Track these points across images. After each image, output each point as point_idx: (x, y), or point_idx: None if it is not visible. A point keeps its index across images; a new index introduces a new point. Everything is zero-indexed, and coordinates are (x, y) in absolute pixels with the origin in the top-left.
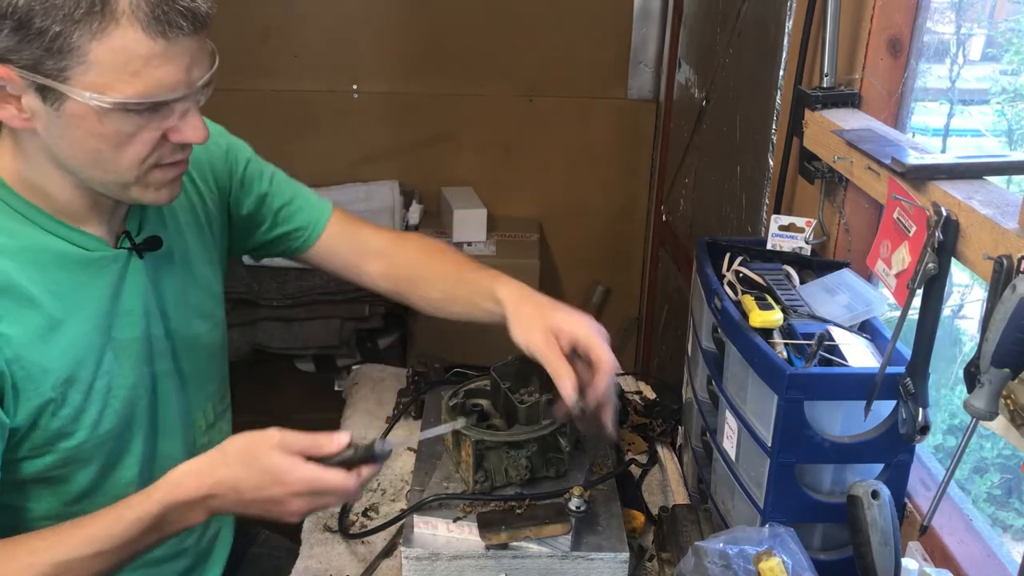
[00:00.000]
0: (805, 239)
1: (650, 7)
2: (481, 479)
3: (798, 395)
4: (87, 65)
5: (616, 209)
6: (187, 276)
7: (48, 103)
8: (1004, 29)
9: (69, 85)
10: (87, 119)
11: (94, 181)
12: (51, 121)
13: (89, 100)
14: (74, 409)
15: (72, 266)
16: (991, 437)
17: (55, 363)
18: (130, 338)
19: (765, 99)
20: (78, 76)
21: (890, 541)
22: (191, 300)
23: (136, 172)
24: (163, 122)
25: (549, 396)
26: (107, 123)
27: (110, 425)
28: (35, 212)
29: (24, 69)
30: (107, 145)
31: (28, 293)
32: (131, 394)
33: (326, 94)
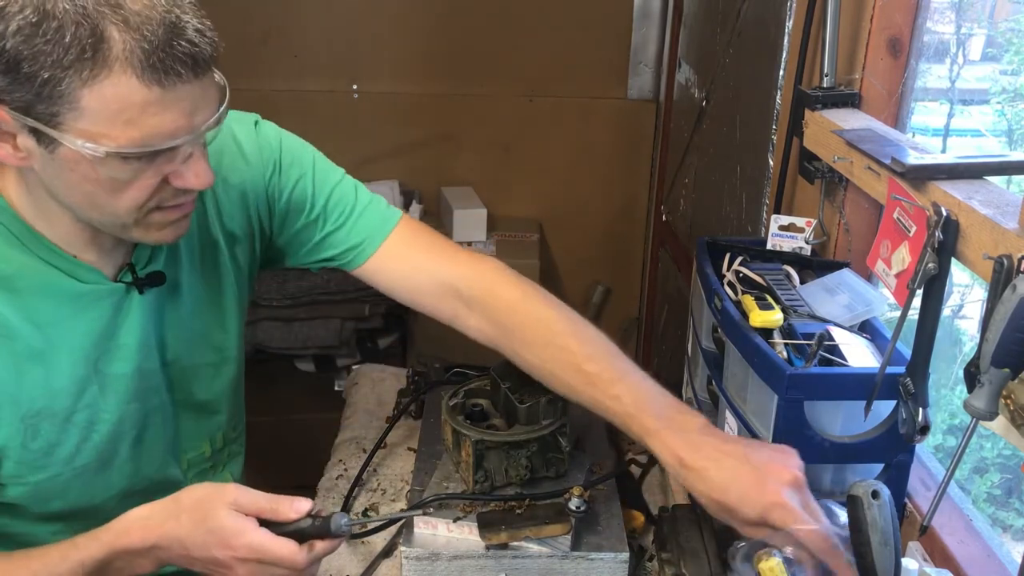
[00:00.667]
0: (805, 239)
1: (650, 7)
2: (481, 479)
3: (798, 395)
4: (79, 112)
5: (616, 209)
6: (194, 309)
7: (42, 145)
8: (1004, 29)
9: (61, 131)
10: (81, 165)
11: (92, 220)
12: (46, 162)
13: (81, 148)
14: (46, 443)
15: (61, 297)
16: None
17: (27, 393)
18: (120, 373)
19: (765, 99)
20: (70, 123)
21: (890, 541)
22: (196, 333)
23: (135, 216)
24: (164, 167)
25: (549, 396)
26: (102, 170)
27: (88, 459)
28: (35, 240)
29: (17, 111)
30: (103, 190)
31: (6, 320)
32: (116, 429)
33: (326, 94)
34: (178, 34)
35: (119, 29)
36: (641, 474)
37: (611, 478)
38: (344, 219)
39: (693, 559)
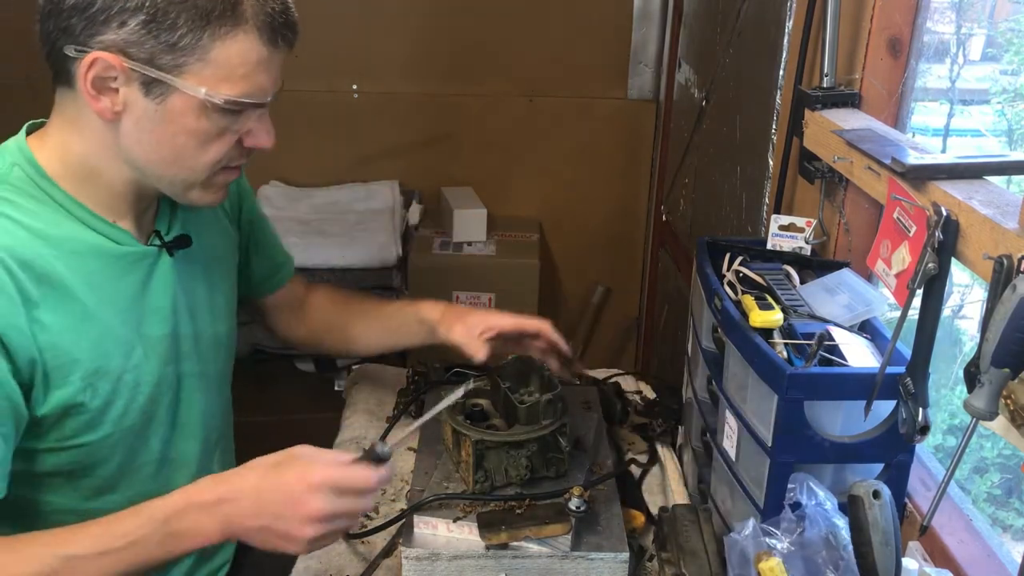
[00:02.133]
0: (805, 239)
1: (650, 7)
2: (481, 479)
3: (798, 395)
4: (205, 63)
5: (616, 209)
6: (213, 278)
7: (151, 96)
8: (1004, 29)
9: (184, 79)
10: (186, 115)
11: (163, 179)
12: (146, 115)
13: (203, 95)
14: (102, 401)
15: (106, 258)
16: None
17: (86, 353)
18: (158, 335)
19: (765, 99)
20: (194, 72)
21: (891, 541)
22: (217, 302)
23: (208, 172)
24: (244, 125)
25: (549, 396)
26: (203, 120)
27: (133, 421)
28: (73, 204)
29: (138, 62)
30: (195, 142)
31: (65, 282)
32: (155, 391)
33: (326, 94)
34: (287, 6)
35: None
36: (641, 474)
37: (611, 478)
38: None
39: (693, 559)
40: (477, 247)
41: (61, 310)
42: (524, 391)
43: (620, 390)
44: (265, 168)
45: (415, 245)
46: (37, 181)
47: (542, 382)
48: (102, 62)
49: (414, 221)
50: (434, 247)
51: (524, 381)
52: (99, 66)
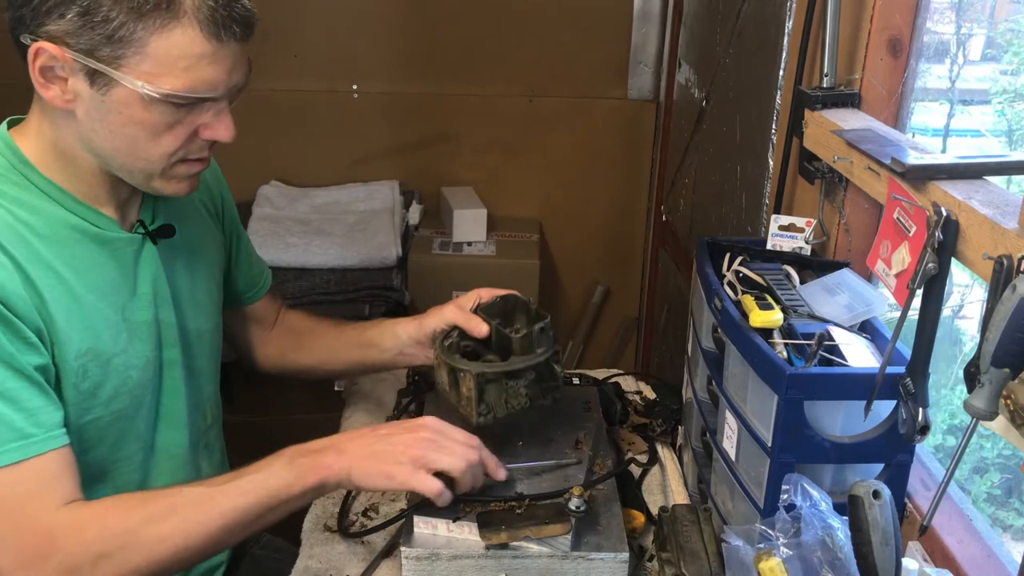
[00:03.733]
0: (805, 239)
1: (650, 7)
2: (484, 411)
3: (798, 395)
4: (143, 56)
5: (616, 209)
6: (195, 273)
7: (95, 87)
8: (1004, 29)
9: (122, 72)
10: (131, 107)
11: (123, 168)
12: (94, 105)
13: (140, 88)
14: (93, 383)
15: (89, 242)
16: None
17: (78, 333)
18: (141, 321)
19: (765, 99)
20: (132, 65)
21: (891, 541)
22: (199, 297)
23: (164, 163)
24: (197, 118)
25: (541, 325)
26: (149, 112)
27: (122, 404)
28: (56, 191)
29: (79, 53)
30: (145, 133)
31: (53, 264)
32: (141, 376)
33: (326, 94)
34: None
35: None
36: (641, 474)
37: (611, 478)
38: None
39: (693, 559)
40: (477, 247)
41: (53, 289)
42: (512, 329)
43: (620, 390)
44: (265, 168)
45: (415, 245)
46: (19, 168)
47: (529, 316)
48: (44, 52)
49: (414, 221)
50: (434, 247)
51: (510, 319)
52: (43, 56)
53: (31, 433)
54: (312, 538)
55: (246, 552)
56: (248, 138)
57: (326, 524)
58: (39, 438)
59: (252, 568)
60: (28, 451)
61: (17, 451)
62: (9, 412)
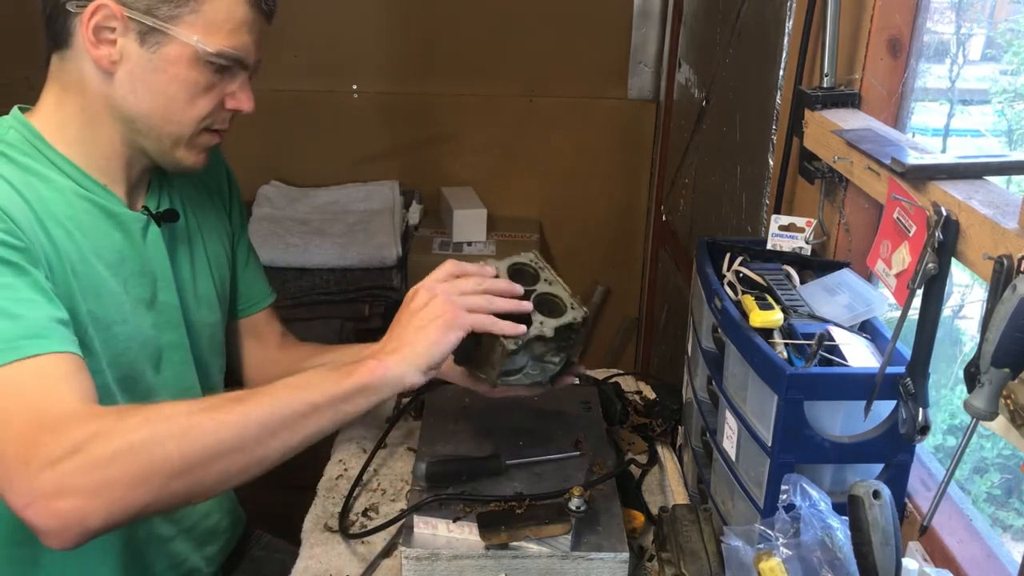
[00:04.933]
0: (805, 239)
1: (650, 7)
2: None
3: (798, 395)
4: (197, 15)
5: (616, 209)
6: (198, 265)
7: (146, 46)
8: (1004, 29)
9: (178, 28)
10: (178, 64)
11: (151, 133)
12: (139, 64)
13: (195, 44)
14: (97, 346)
15: (97, 214)
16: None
17: (86, 295)
18: (142, 298)
19: (765, 99)
20: (188, 22)
21: (891, 541)
22: (201, 289)
23: (193, 129)
24: (227, 86)
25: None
26: (194, 71)
27: (123, 373)
28: (69, 165)
29: (136, 11)
30: (184, 94)
31: (66, 227)
32: (140, 351)
33: (326, 94)
34: None
35: None
36: (641, 474)
37: (611, 478)
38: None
39: (693, 559)
40: (477, 247)
41: (64, 246)
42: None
43: (620, 390)
44: (265, 168)
45: (415, 245)
46: (33, 142)
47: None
48: (105, 9)
49: (414, 221)
50: (434, 247)
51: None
52: (101, 13)
53: (46, 334)
54: (312, 538)
55: (246, 552)
56: (248, 138)
57: (326, 524)
58: (55, 338)
59: (252, 568)
60: (44, 347)
61: (34, 346)
62: (25, 313)
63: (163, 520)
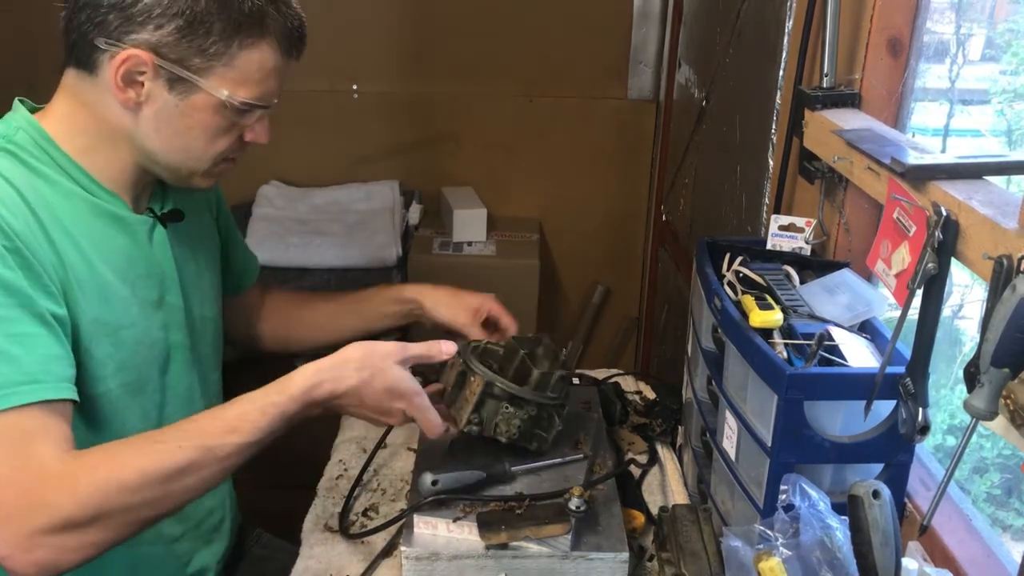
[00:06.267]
0: (805, 239)
1: (650, 7)
2: (475, 421)
3: (798, 395)
4: (230, 68)
5: (616, 209)
6: (200, 260)
7: (174, 92)
8: (1003, 30)
9: (209, 81)
10: (204, 111)
11: (169, 165)
12: (166, 108)
13: (225, 98)
14: (104, 353)
15: (104, 218)
16: (991, 437)
17: (90, 300)
18: (150, 300)
19: (765, 99)
20: (220, 75)
21: (891, 541)
22: (203, 284)
23: (211, 162)
24: (248, 122)
25: (563, 373)
26: (217, 117)
27: (130, 378)
28: (77, 170)
29: (169, 61)
30: (206, 135)
31: (72, 233)
32: (149, 354)
33: (326, 94)
34: (303, 22)
35: (274, 8)
36: (641, 474)
37: (611, 478)
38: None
39: (693, 559)
40: (477, 247)
41: (70, 253)
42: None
43: (620, 390)
44: (265, 168)
45: (415, 245)
46: (42, 144)
47: (552, 362)
48: (136, 59)
49: (414, 221)
50: (434, 247)
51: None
52: (132, 62)
53: (42, 378)
54: (312, 538)
55: (246, 552)
56: None
57: (326, 524)
58: (50, 382)
59: (252, 567)
60: (37, 394)
61: (28, 393)
62: (22, 355)
63: (170, 520)
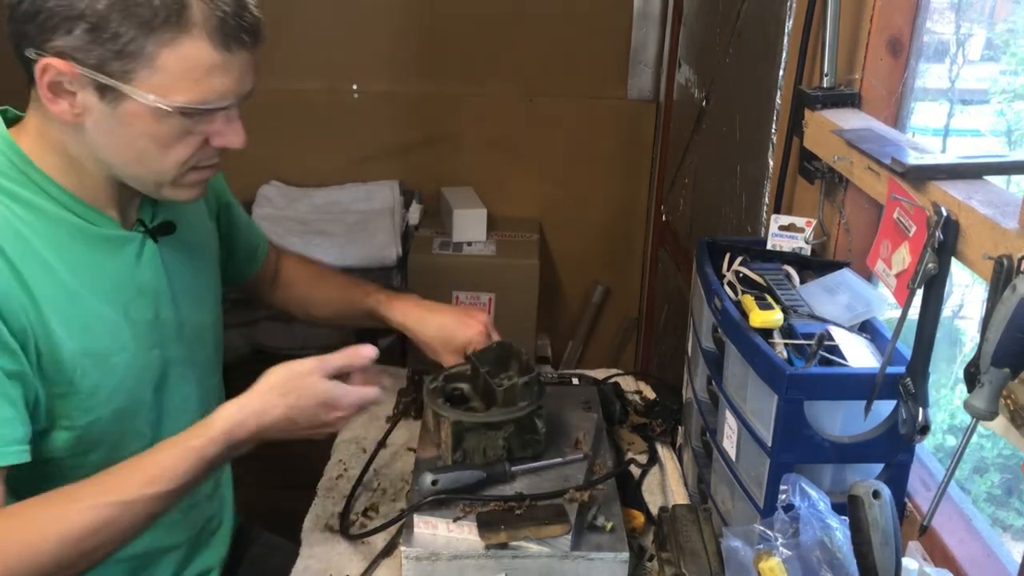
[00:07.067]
0: (805, 239)
1: (650, 7)
2: (460, 458)
3: (798, 395)
4: (153, 70)
5: (616, 209)
6: (197, 267)
7: (105, 101)
8: (1002, 30)
9: (132, 86)
10: (143, 119)
11: (133, 177)
12: (103, 118)
13: (151, 103)
14: (92, 383)
15: (90, 241)
16: (991, 437)
17: (74, 333)
18: (144, 319)
19: (765, 99)
20: (143, 79)
21: (891, 541)
22: (200, 291)
23: (176, 172)
24: (208, 127)
25: (526, 379)
26: (160, 124)
27: (122, 403)
28: (57, 190)
29: (88, 68)
30: (156, 145)
31: (50, 262)
32: (143, 374)
33: (326, 94)
34: (244, 6)
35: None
36: (641, 474)
37: (611, 478)
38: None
39: (693, 559)
40: (477, 247)
41: (47, 288)
42: (504, 375)
43: (620, 390)
44: (265, 168)
45: (415, 245)
46: (20, 166)
47: (521, 366)
48: (53, 68)
49: (414, 221)
50: (434, 247)
51: (504, 366)
52: (51, 72)
53: None
54: (312, 538)
55: (246, 551)
56: (248, 138)
57: (326, 524)
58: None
59: (252, 568)
60: None
61: None
62: None
63: (167, 530)
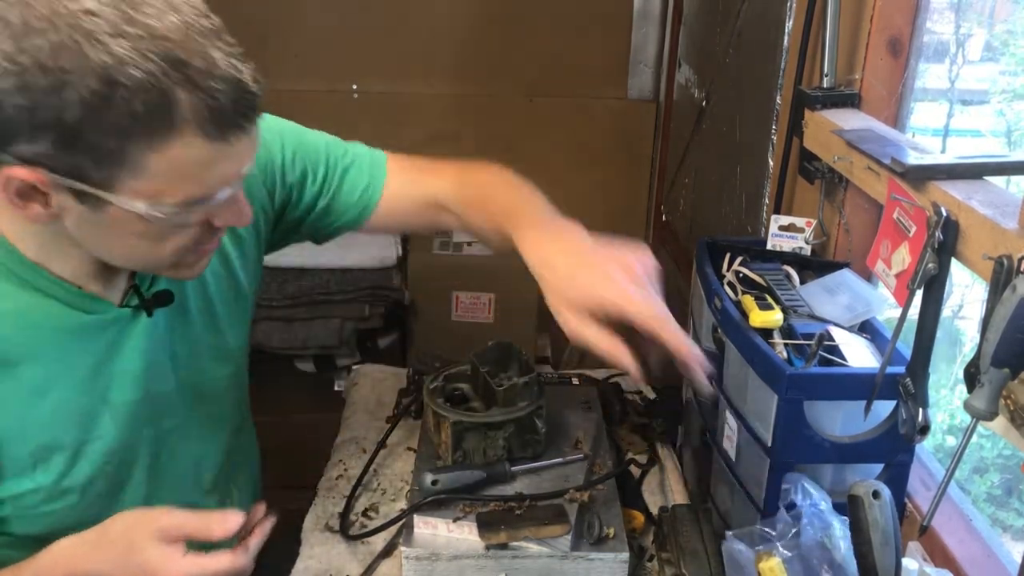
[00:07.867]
0: (805, 239)
1: (650, 7)
2: (460, 458)
3: (798, 395)
4: (138, 175)
5: (616, 209)
6: (205, 323)
7: (86, 205)
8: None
9: (115, 194)
10: (129, 223)
11: (123, 266)
12: (84, 220)
13: (141, 211)
14: (56, 475)
15: (65, 330)
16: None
17: (32, 431)
18: (129, 400)
19: (765, 99)
20: (128, 185)
21: (891, 541)
22: (209, 346)
23: (173, 259)
24: (208, 212)
25: (526, 379)
26: (152, 224)
27: (102, 488)
28: (36, 274)
29: (60, 175)
30: (147, 242)
31: (10, 358)
32: (128, 455)
33: (326, 94)
34: (241, 87)
35: (186, 90)
36: (641, 474)
37: (611, 478)
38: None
39: (693, 559)
40: (477, 247)
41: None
42: (503, 376)
43: (620, 390)
44: None
45: (415, 245)
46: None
47: (521, 366)
48: (16, 179)
49: None
50: (434, 247)
51: (503, 366)
52: (14, 185)
53: None
54: (312, 538)
55: None
56: None
57: (326, 524)
58: None
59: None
60: None
61: None
62: None
63: None
